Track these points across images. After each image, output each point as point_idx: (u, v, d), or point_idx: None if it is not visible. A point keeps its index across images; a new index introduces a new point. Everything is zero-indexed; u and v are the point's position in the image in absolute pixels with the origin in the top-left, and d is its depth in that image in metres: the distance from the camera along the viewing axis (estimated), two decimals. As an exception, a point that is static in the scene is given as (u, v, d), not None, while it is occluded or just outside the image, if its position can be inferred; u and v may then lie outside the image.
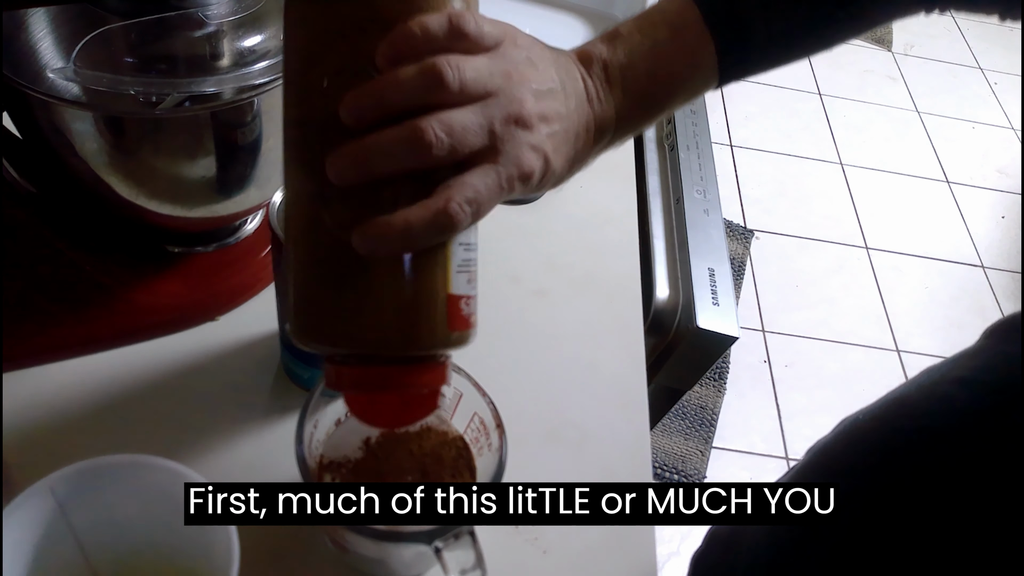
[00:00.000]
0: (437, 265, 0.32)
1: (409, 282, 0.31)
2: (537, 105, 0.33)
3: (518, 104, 0.32)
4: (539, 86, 0.34)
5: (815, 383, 1.77)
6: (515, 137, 0.32)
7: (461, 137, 0.30)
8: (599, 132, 0.39)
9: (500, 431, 0.41)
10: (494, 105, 0.32)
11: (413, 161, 0.30)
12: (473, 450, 0.44)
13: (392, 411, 0.35)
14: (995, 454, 0.39)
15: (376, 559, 0.43)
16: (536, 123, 0.33)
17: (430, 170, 0.31)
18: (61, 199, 0.52)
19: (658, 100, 0.40)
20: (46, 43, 0.44)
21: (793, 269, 2.01)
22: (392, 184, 0.30)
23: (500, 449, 0.40)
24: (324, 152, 0.30)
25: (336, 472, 0.42)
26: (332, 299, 0.31)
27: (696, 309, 0.66)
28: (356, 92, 0.30)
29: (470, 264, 0.34)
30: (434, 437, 0.44)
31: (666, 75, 0.39)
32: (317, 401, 0.40)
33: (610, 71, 0.38)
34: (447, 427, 0.45)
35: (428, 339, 0.32)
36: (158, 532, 0.38)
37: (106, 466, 0.35)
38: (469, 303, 0.34)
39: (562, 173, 0.37)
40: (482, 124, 0.31)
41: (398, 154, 0.30)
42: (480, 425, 0.42)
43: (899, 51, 2.80)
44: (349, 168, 0.30)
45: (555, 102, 0.35)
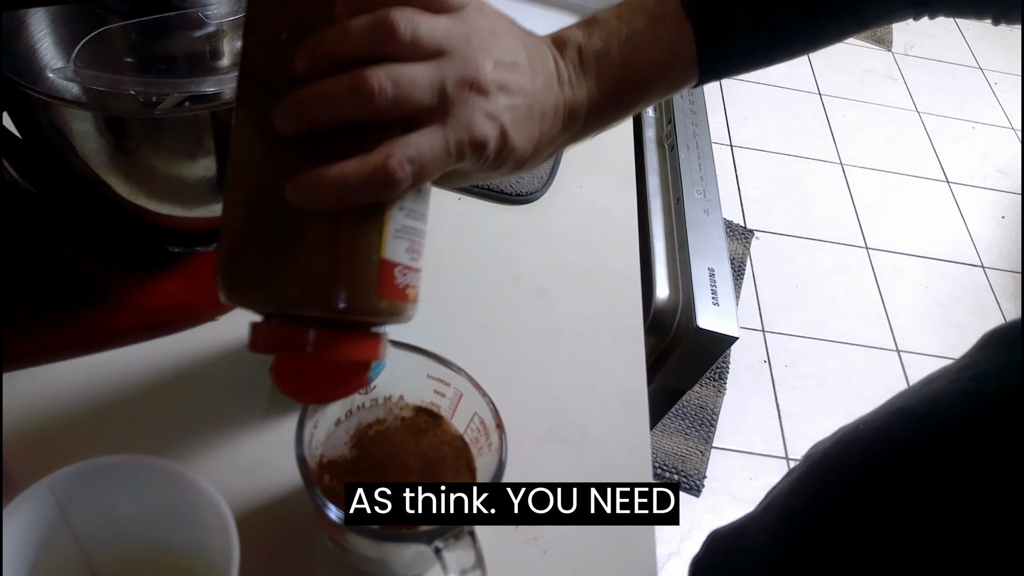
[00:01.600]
0: (371, 226, 0.31)
1: (339, 240, 0.30)
2: (496, 73, 0.32)
3: (474, 68, 0.31)
4: (501, 56, 0.33)
5: (815, 383, 1.77)
6: (468, 101, 0.31)
7: (408, 90, 0.29)
8: (569, 117, 0.37)
9: (500, 431, 0.41)
10: (447, 65, 0.31)
11: (355, 109, 0.29)
12: (473, 450, 0.44)
13: (317, 383, 0.34)
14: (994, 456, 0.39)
15: (376, 559, 0.43)
16: (494, 91, 0.32)
17: (377, 131, 0.30)
18: (61, 199, 0.52)
19: (633, 90, 0.39)
20: (46, 43, 0.44)
21: (793, 269, 2.01)
22: (337, 141, 0.30)
23: (500, 449, 0.40)
24: (274, 105, 0.29)
25: (334, 472, 0.42)
26: (261, 254, 0.31)
27: (696, 309, 0.66)
28: (308, 42, 0.29)
29: (413, 234, 0.32)
30: (434, 437, 0.44)
31: (642, 64, 0.38)
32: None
33: (584, 56, 0.37)
34: (447, 427, 0.45)
35: (354, 301, 0.31)
36: (158, 532, 0.38)
37: (106, 466, 0.35)
38: (407, 274, 0.32)
39: (524, 153, 0.35)
40: (432, 81, 0.30)
41: (341, 101, 0.29)
42: (480, 425, 0.42)
43: (899, 51, 2.80)
44: (293, 115, 0.29)
45: (518, 75, 0.34)
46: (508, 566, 0.46)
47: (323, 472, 0.42)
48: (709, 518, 1.51)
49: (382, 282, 0.31)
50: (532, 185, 0.68)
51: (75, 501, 0.35)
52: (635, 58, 0.38)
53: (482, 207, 0.67)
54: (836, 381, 1.78)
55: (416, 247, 0.33)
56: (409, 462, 0.43)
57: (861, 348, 1.86)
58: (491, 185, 0.67)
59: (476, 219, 0.66)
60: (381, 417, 0.45)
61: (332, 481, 0.41)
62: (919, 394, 0.46)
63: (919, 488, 0.41)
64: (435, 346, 0.56)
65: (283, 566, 0.44)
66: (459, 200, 0.67)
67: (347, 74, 0.29)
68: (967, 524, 0.39)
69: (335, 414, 0.43)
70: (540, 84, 0.35)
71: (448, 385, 0.43)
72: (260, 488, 0.46)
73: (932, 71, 2.73)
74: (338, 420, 0.44)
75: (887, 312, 1.95)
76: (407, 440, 0.44)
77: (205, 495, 0.35)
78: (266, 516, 0.45)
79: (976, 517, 0.39)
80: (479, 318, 0.58)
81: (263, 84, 0.30)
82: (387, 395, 0.45)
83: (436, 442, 0.44)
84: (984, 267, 2.11)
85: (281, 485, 0.47)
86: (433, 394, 0.44)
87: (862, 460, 0.46)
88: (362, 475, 0.42)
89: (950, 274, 2.08)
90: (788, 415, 1.70)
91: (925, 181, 2.32)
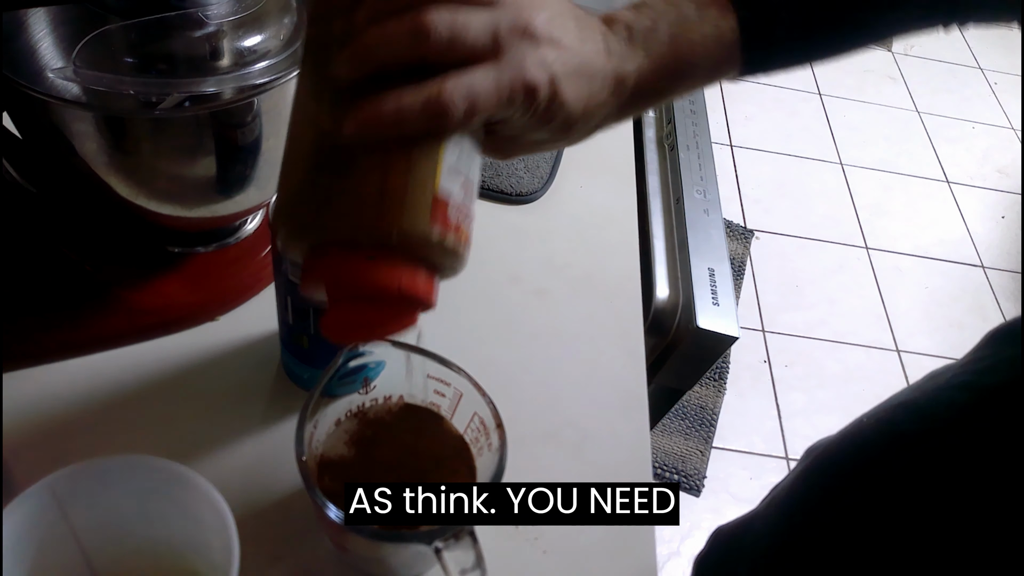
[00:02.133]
0: (427, 158, 0.32)
1: (394, 170, 0.31)
2: (547, 26, 0.33)
3: (527, 17, 0.33)
4: (551, 15, 0.34)
5: (815, 383, 1.77)
6: (520, 46, 0.32)
7: (462, 30, 0.31)
8: (616, 84, 0.37)
9: (500, 431, 0.41)
10: (501, 12, 0.32)
11: (413, 50, 0.30)
12: (473, 450, 0.44)
13: (366, 321, 0.34)
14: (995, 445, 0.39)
15: (375, 559, 0.43)
16: (545, 41, 0.33)
17: (432, 73, 0.31)
18: (61, 199, 0.52)
19: (678, 68, 0.39)
20: (46, 43, 0.44)
21: (793, 269, 2.01)
22: (393, 86, 0.31)
23: (500, 449, 0.40)
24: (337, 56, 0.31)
25: (334, 472, 0.42)
26: (319, 193, 0.31)
27: (696, 309, 0.66)
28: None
29: (466, 175, 0.33)
30: (433, 437, 0.44)
31: (688, 45, 0.38)
32: (317, 401, 0.40)
33: (633, 32, 0.38)
34: (447, 427, 0.45)
35: (408, 228, 0.31)
36: (158, 532, 0.38)
37: (106, 466, 0.35)
38: (460, 212, 0.33)
39: (574, 110, 0.35)
40: (486, 24, 0.31)
41: (399, 42, 0.30)
42: (480, 425, 0.42)
43: (899, 51, 2.80)
44: (354, 59, 0.30)
45: (567, 35, 0.34)
46: (508, 566, 0.46)
47: (323, 472, 0.42)
48: (709, 518, 1.51)
49: (436, 213, 0.32)
50: (532, 185, 0.68)
51: (75, 501, 0.35)
52: (682, 38, 0.38)
53: (482, 207, 0.67)
54: (836, 381, 1.78)
55: (469, 189, 0.34)
56: (409, 462, 0.43)
57: (861, 348, 1.86)
58: (491, 185, 0.67)
59: (476, 219, 0.65)
60: (381, 417, 0.45)
61: (332, 481, 0.41)
62: (922, 388, 0.46)
63: (920, 475, 0.41)
64: (435, 346, 0.56)
65: (283, 566, 0.44)
66: (459, 200, 0.67)
67: (404, 16, 0.30)
68: (967, 510, 0.39)
69: (335, 414, 0.43)
70: (589, 49, 0.36)
71: (448, 385, 0.43)
72: (260, 489, 0.46)
73: (932, 71, 2.73)
74: (338, 420, 0.44)
75: (887, 312, 1.95)
76: (407, 440, 0.44)
77: (205, 494, 0.35)
78: (267, 516, 0.45)
79: (976, 503, 0.39)
80: (479, 318, 0.58)
81: (326, 46, 0.32)
82: (387, 395, 0.45)
83: (436, 442, 0.44)
84: (984, 267, 2.11)
85: (281, 485, 0.47)
86: (433, 394, 0.44)
87: (864, 450, 0.46)
88: (362, 475, 0.42)
89: (950, 274, 2.08)
90: (788, 415, 1.70)
91: (925, 181, 2.32)
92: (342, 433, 0.43)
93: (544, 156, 0.71)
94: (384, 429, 0.44)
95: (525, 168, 0.69)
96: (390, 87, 0.31)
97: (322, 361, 0.49)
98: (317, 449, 0.42)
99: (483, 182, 0.67)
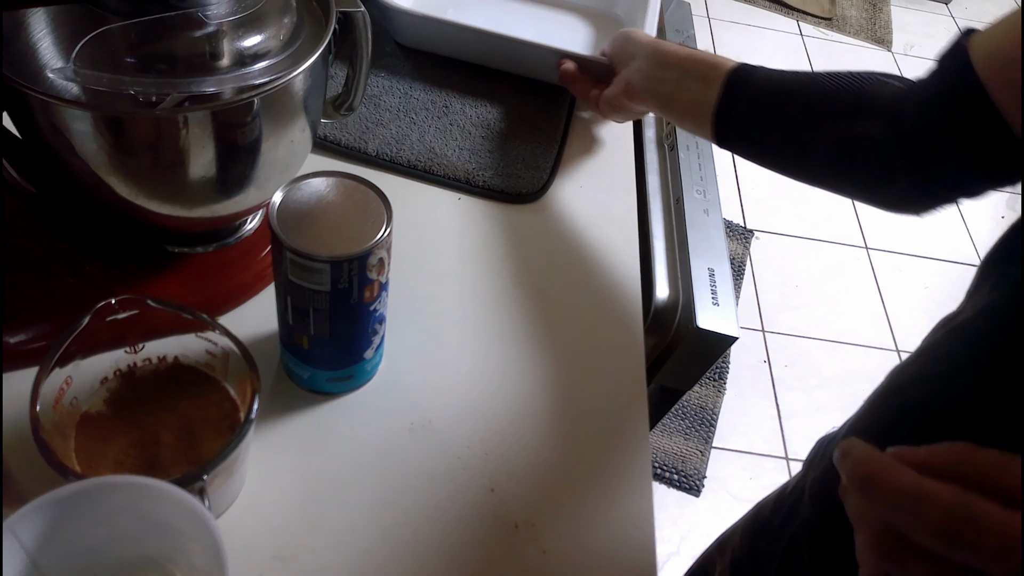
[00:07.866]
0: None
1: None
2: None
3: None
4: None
5: (815, 383, 1.77)
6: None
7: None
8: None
9: (254, 393, 0.41)
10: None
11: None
12: (242, 413, 0.44)
13: None
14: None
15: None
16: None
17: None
18: (61, 199, 0.52)
19: (666, 110, 0.63)
20: (46, 43, 0.44)
21: (793, 269, 2.01)
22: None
23: (250, 411, 0.41)
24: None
25: (94, 424, 0.43)
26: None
27: (696, 309, 0.66)
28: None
29: None
30: (200, 398, 0.45)
31: (678, 105, 0.61)
32: (65, 353, 0.40)
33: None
34: (221, 388, 0.46)
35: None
36: (130, 551, 0.36)
37: (66, 496, 0.33)
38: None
39: None
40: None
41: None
42: (249, 387, 0.43)
43: (899, 51, 2.79)
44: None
45: None
46: (508, 566, 0.46)
47: (80, 430, 0.43)
48: (709, 518, 1.51)
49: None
50: (532, 185, 0.68)
51: (39, 541, 0.33)
52: (670, 96, 0.61)
53: (482, 207, 0.67)
54: (836, 381, 1.78)
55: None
56: (174, 419, 0.44)
57: (861, 348, 1.86)
58: (491, 185, 0.67)
59: (476, 219, 0.65)
60: (147, 378, 0.46)
61: (87, 439, 0.43)
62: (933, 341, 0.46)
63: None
64: (435, 346, 0.56)
65: (283, 565, 0.44)
66: (459, 200, 0.67)
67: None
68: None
69: (101, 372, 0.44)
70: None
71: (216, 345, 0.45)
72: (260, 488, 0.46)
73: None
74: (104, 379, 0.44)
75: (887, 312, 1.95)
76: (167, 400, 0.45)
77: (178, 502, 0.33)
78: (267, 517, 0.45)
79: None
80: (479, 318, 0.58)
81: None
82: (161, 355, 0.46)
83: (202, 402, 0.45)
84: (984, 267, 2.11)
85: (282, 485, 0.47)
86: (205, 355, 0.45)
87: (893, 420, 0.46)
88: (117, 434, 0.43)
89: (950, 274, 2.08)
90: (788, 415, 1.70)
91: (925, 181, 2.31)
92: (104, 392, 0.45)
93: (544, 156, 0.71)
94: (147, 389, 0.45)
95: (525, 168, 0.69)
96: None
97: (322, 361, 0.49)
98: (78, 406, 0.43)
99: (483, 182, 0.67)
